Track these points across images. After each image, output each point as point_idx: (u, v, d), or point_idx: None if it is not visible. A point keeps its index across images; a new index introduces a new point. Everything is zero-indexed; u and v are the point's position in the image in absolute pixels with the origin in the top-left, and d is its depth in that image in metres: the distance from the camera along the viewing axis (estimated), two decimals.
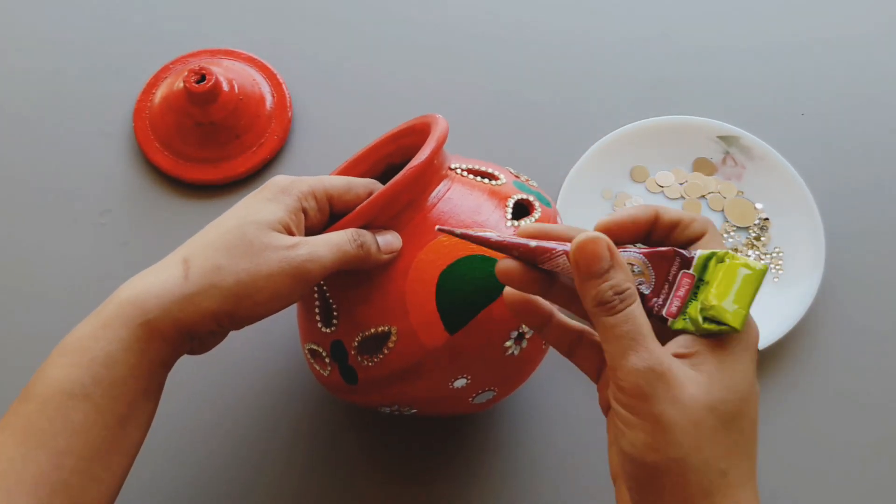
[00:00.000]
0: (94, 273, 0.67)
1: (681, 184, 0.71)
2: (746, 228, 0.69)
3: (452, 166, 0.53)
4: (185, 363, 0.48)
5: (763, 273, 0.36)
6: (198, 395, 0.62)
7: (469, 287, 0.48)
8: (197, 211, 0.70)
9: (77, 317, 0.44)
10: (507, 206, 0.51)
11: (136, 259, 0.67)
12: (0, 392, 0.49)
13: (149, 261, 0.46)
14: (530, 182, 0.56)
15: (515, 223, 0.50)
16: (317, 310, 0.52)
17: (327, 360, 0.52)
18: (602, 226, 0.39)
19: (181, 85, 0.70)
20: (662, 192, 0.70)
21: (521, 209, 0.53)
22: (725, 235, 0.68)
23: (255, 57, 0.76)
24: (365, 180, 0.53)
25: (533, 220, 0.51)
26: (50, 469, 0.40)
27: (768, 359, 0.64)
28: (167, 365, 0.45)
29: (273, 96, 0.74)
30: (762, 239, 0.68)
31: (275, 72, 0.75)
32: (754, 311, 0.64)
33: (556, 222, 0.53)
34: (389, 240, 0.49)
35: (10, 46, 0.78)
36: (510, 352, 0.50)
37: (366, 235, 0.48)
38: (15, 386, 0.43)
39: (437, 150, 0.50)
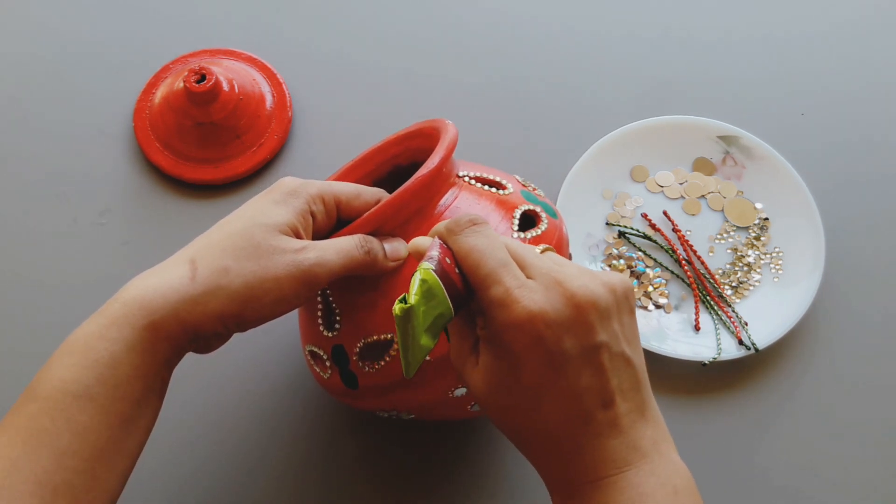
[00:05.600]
0: (94, 273, 0.67)
1: (681, 183, 0.71)
2: (746, 228, 0.69)
3: (460, 174, 0.53)
4: (185, 360, 0.48)
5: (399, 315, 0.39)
6: (197, 393, 0.62)
7: None
8: (197, 211, 0.70)
9: (77, 316, 0.44)
10: (513, 216, 0.51)
11: (136, 259, 0.67)
12: (0, 390, 0.49)
13: (149, 260, 0.46)
14: (537, 191, 0.56)
15: (522, 235, 0.50)
16: (319, 313, 0.52)
17: (328, 364, 0.52)
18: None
19: (181, 85, 0.71)
20: (662, 191, 0.70)
21: (528, 220, 0.53)
22: (725, 235, 0.68)
23: (255, 57, 0.76)
24: (374, 189, 0.53)
25: (539, 231, 0.51)
26: (53, 469, 0.40)
27: (769, 358, 0.64)
28: (171, 364, 0.45)
29: (273, 96, 0.74)
30: (762, 239, 0.68)
31: (275, 71, 0.75)
32: (755, 310, 0.64)
33: (561, 233, 0.53)
34: (396, 247, 0.49)
35: (11, 46, 0.79)
36: None
37: (373, 242, 0.48)
38: (15, 384, 0.43)
39: (447, 159, 0.50)
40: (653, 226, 0.69)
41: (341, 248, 0.46)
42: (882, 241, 0.70)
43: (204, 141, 0.71)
